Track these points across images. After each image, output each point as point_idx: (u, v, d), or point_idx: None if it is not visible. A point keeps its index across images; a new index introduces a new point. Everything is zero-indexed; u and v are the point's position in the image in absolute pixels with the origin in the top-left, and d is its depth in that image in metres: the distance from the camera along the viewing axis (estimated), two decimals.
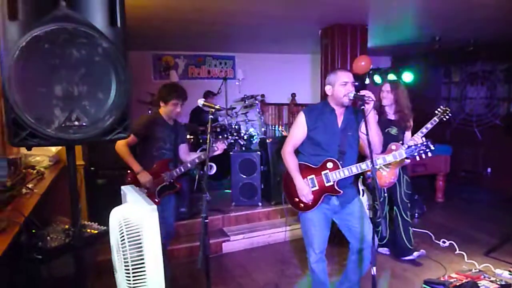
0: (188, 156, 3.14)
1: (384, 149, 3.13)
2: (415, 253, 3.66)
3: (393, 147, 3.30)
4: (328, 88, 2.50)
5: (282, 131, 7.22)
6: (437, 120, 3.37)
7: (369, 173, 2.07)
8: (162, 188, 2.98)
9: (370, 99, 2.25)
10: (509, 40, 5.91)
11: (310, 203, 2.54)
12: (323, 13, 4.50)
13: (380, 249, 3.90)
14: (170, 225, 3.13)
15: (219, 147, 3.10)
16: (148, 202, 1.18)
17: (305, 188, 2.51)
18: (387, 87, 3.54)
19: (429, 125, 3.34)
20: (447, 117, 3.39)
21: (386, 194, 3.65)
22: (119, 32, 1.50)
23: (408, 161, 3.40)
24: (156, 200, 2.93)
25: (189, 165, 3.03)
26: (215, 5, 4.06)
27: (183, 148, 3.17)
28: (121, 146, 2.82)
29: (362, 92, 2.31)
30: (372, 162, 2.09)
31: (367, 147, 2.19)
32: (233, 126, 5.93)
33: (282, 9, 4.21)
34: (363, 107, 2.25)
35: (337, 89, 2.43)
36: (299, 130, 2.54)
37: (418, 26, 5.24)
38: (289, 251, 4.08)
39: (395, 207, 3.65)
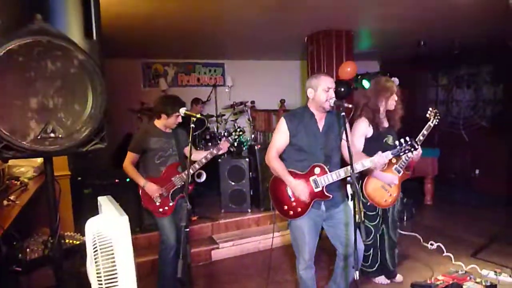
0: (196, 154, 3.14)
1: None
2: (398, 277, 3.41)
3: (394, 160, 3.04)
4: (309, 91, 2.50)
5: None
6: (432, 125, 3.16)
7: (349, 178, 2.08)
8: (175, 191, 3.04)
9: (349, 108, 2.28)
10: (493, 42, 6.01)
11: (307, 202, 2.47)
12: (308, 20, 4.56)
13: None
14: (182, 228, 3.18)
15: (224, 146, 3.12)
16: (121, 212, 1.19)
17: (299, 185, 2.43)
18: (398, 91, 3.17)
19: (425, 132, 3.13)
20: (437, 120, 3.20)
21: (380, 214, 3.24)
22: (95, 44, 1.52)
23: (408, 172, 3.27)
24: (171, 204, 3.01)
25: (197, 165, 3.06)
26: (202, 14, 4.10)
27: (188, 150, 3.23)
28: (127, 165, 2.94)
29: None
30: (351, 168, 2.11)
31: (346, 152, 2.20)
32: (223, 134, 5.92)
33: (267, 16, 4.26)
34: (343, 113, 2.27)
35: (319, 94, 2.44)
36: (282, 136, 2.52)
37: (403, 31, 5.32)
38: (280, 256, 4.08)
39: (383, 226, 3.30)
